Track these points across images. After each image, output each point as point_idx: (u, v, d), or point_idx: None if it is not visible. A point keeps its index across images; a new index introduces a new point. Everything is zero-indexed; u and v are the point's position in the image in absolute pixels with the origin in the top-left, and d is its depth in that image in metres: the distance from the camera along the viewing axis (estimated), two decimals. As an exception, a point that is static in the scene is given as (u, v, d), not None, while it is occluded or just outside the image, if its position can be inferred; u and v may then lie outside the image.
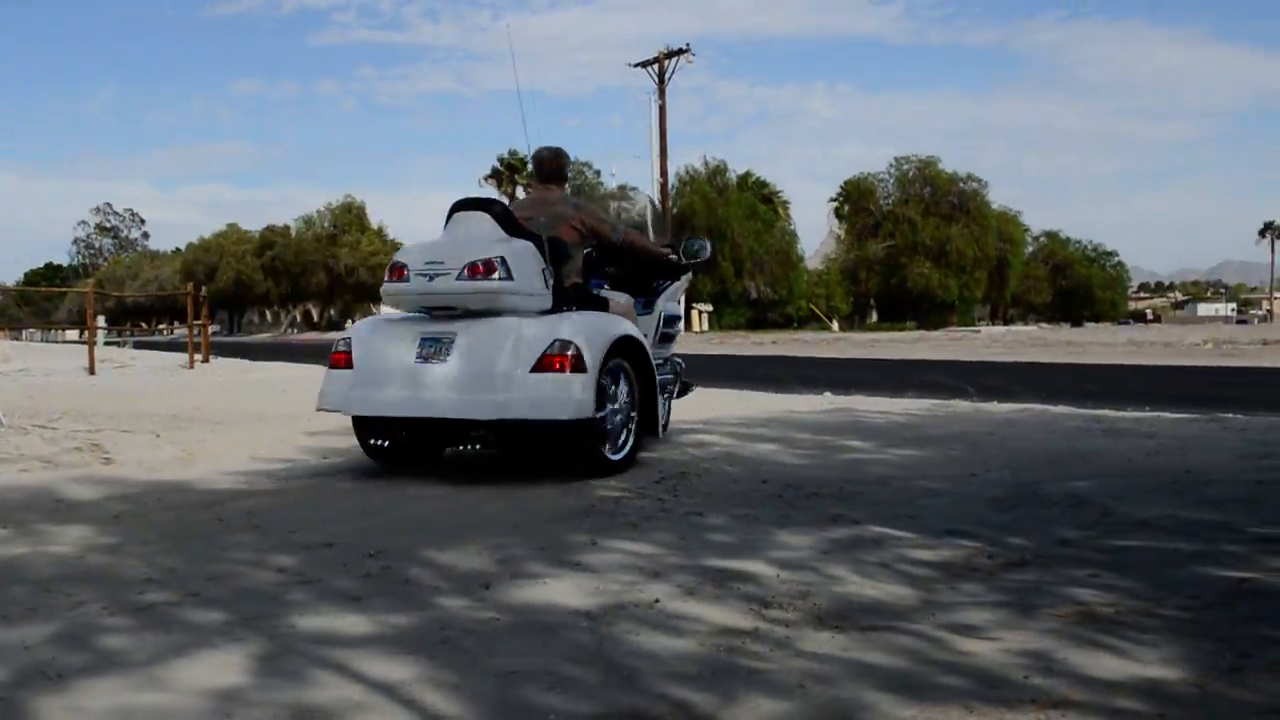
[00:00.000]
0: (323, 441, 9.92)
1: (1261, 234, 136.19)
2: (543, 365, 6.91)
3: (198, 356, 27.70)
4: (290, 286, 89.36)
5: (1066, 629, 3.99)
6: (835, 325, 76.05)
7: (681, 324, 9.59)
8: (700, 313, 71.79)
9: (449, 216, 7.64)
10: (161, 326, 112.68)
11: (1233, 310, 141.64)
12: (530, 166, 8.93)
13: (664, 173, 58.04)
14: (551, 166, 8.31)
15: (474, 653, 3.80)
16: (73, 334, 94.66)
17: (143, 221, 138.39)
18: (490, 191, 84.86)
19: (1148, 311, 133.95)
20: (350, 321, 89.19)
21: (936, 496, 6.61)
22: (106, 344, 41.17)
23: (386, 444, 7.96)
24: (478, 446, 8.38)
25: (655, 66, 58.34)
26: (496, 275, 7.03)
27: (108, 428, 10.98)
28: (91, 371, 23.45)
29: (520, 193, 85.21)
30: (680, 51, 58.13)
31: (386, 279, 7.45)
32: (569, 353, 6.92)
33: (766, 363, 25.68)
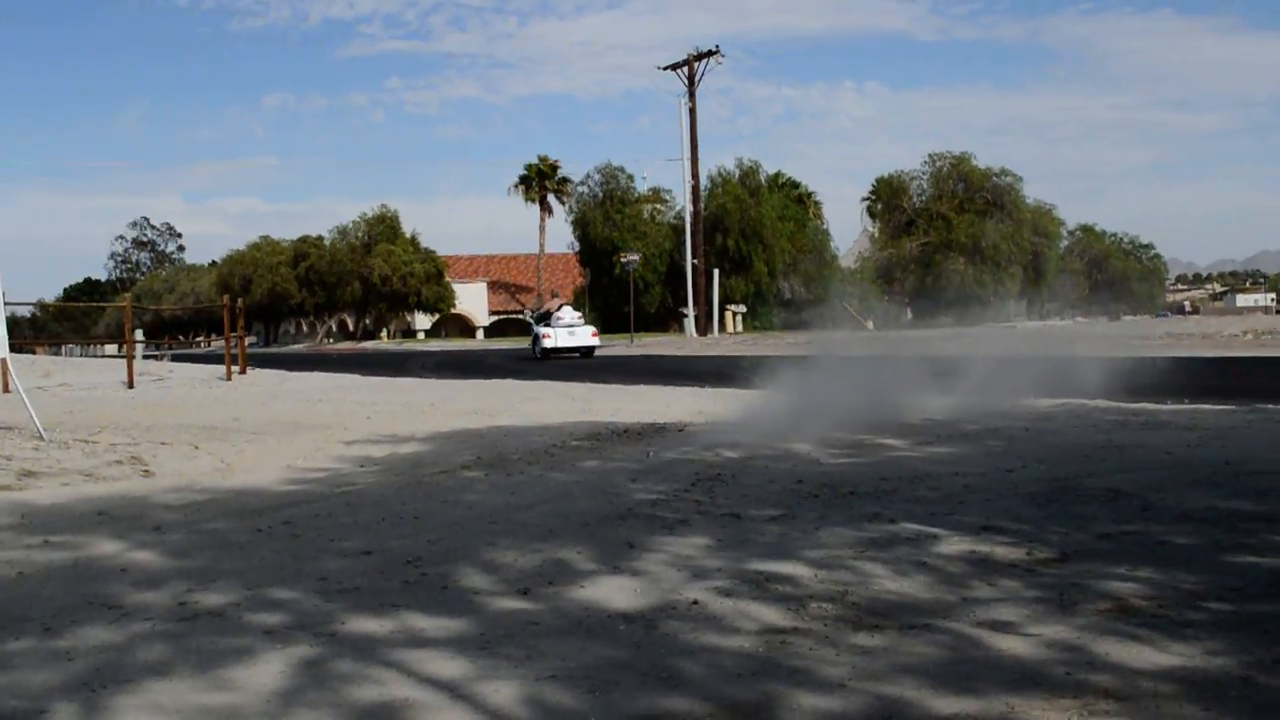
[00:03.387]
0: (359, 450, 9.98)
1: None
2: (593, 336, 35.62)
3: (235, 368, 27.89)
4: (325, 297, 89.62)
5: (1106, 623, 3.98)
6: (870, 324, 75.74)
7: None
8: (734, 314, 71.66)
9: (559, 307, 36.10)
10: (199, 339, 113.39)
11: (1272, 300, 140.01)
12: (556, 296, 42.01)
13: (695, 175, 58.03)
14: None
15: (516, 656, 3.82)
16: (111, 348, 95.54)
17: (179, 235, 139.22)
18: (518, 197, 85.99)
19: (1185, 303, 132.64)
20: (386, 331, 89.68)
21: (973, 493, 6.59)
22: (145, 357, 41.51)
23: (553, 355, 34.36)
24: (577, 354, 34.63)
25: (685, 69, 58.32)
26: (584, 320, 36.62)
27: (146, 440, 11.08)
28: (130, 385, 23.61)
29: (551, 199, 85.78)
30: (710, 53, 58.07)
31: (553, 324, 34.94)
32: (595, 332, 36.17)
33: (793, 363, 25.52)
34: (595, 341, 35.54)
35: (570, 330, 34.79)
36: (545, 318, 35.73)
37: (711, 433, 10.13)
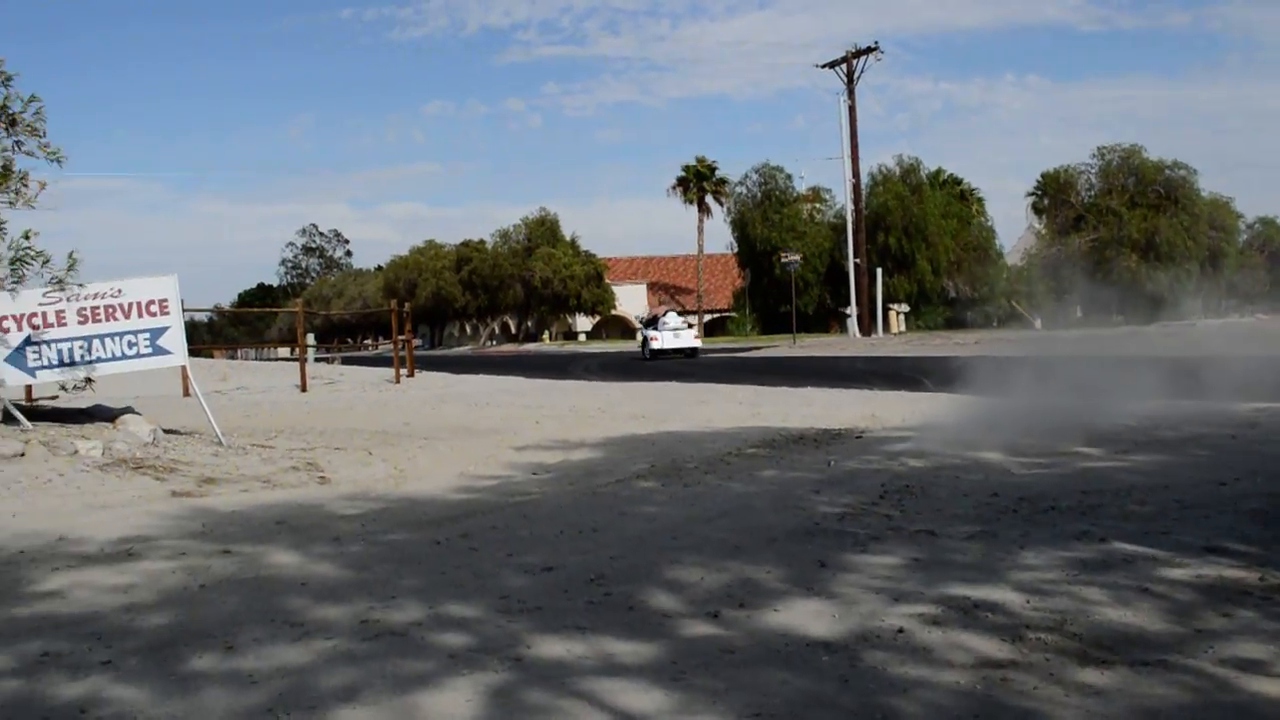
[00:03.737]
0: (530, 456, 9.87)
1: None
2: (695, 338, 40.49)
3: (403, 371, 28.31)
4: (488, 300, 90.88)
5: (1371, 664, 3.56)
6: (1038, 323, 73.77)
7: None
8: (897, 314, 70.50)
9: (665, 313, 41.60)
10: (367, 341, 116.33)
11: None
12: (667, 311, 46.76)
13: (856, 173, 57.12)
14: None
15: (713, 688, 3.58)
16: (284, 351, 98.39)
17: (346, 241, 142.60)
18: (677, 199, 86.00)
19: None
20: (548, 333, 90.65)
21: (1187, 509, 6.13)
22: (316, 360, 42.51)
23: (660, 356, 38.12)
24: (681, 355, 38.73)
25: (843, 66, 57.48)
26: (690, 325, 41.64)
27: (321, 445, 11.16)
28: (303, 389, 24.10)
29: (709, 200, 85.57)
30: (869, 50, 57.13)
31: (660, 329, 39.55)
32: (698, 335, 43.49)
33: (964, 365, 24.76)
34: (698, 343, 40.54)
35: (675, 333, 39.45)
36: (653, 323, 41.59)
37: (891, 440, 9.77)
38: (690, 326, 41.73)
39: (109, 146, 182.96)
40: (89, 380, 10.39)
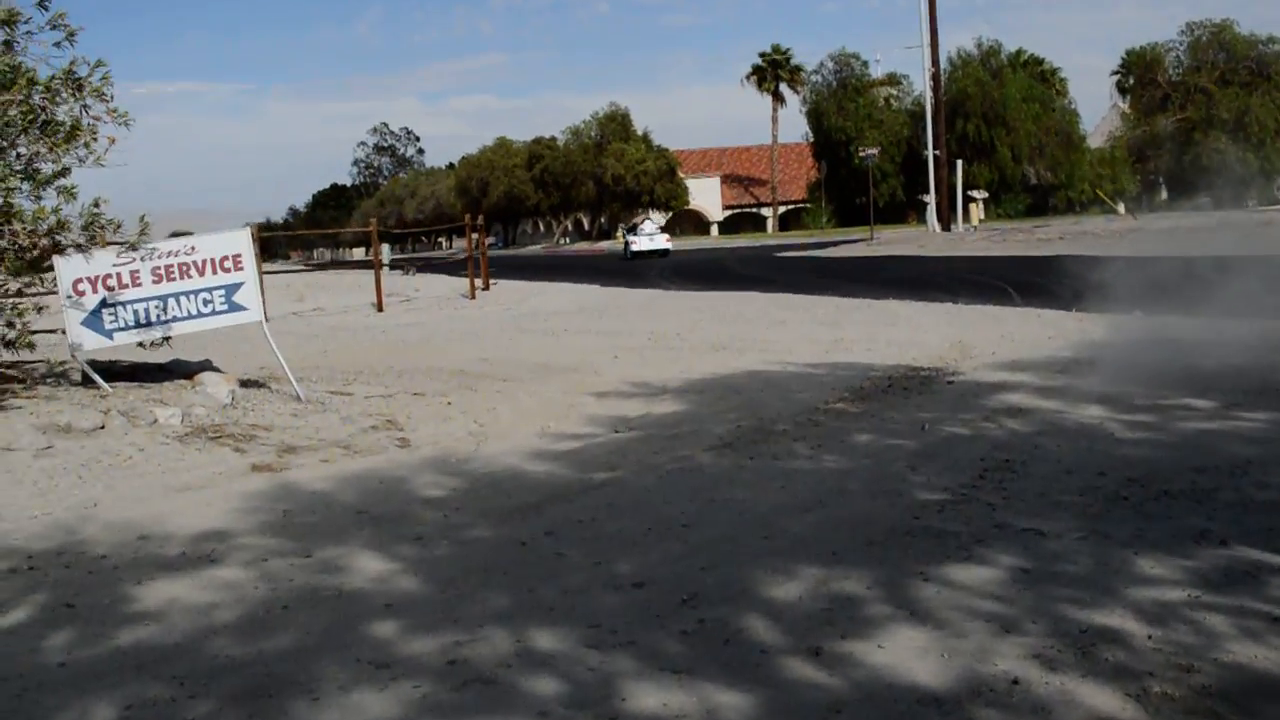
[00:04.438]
0: (611, 408, 9.72)
1: None
2: (666, 241, 53.56)
3: (478, 283, 28.30)
4: (560, 197, 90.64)
5: None
6: (1121, 208, 72.02)
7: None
8: (976, 201, 69.00)
9: (644, 222, 58.07)
10: (440, 239, 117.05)
11: None
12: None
13: (935, 61, 55.38)
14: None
15: (821, 771, 3.38)
16: (359, 252, 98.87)
17: (417, 139, 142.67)
18: (750, 88, 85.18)
19: None
20: (620, 229, 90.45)
21: (1314, 496, 5.77)
22: (391, 269, 42.52)
23: (638, 257, 50.87)
24: (655, 255, 51.33)
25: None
26: (662, 231, 56.27)
27: (400, 390, 11.08)
28: (379, 308, 24.16)
29: (783, 88, 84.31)
30: (946, -70, 55.28)
31: (637, 234, 53.71)
32: (669, 238, 55.28)
33: (1047, 267, 23.98)
34: (669, 246, 53.31)
35: (650, 238, 52.80)
36: (633, 229, 55.50)
37: (984, 389, 9.42)
38: (663, 232, 55.37)
39: (176, 50, 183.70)
40: (166, 339, 10.33)
